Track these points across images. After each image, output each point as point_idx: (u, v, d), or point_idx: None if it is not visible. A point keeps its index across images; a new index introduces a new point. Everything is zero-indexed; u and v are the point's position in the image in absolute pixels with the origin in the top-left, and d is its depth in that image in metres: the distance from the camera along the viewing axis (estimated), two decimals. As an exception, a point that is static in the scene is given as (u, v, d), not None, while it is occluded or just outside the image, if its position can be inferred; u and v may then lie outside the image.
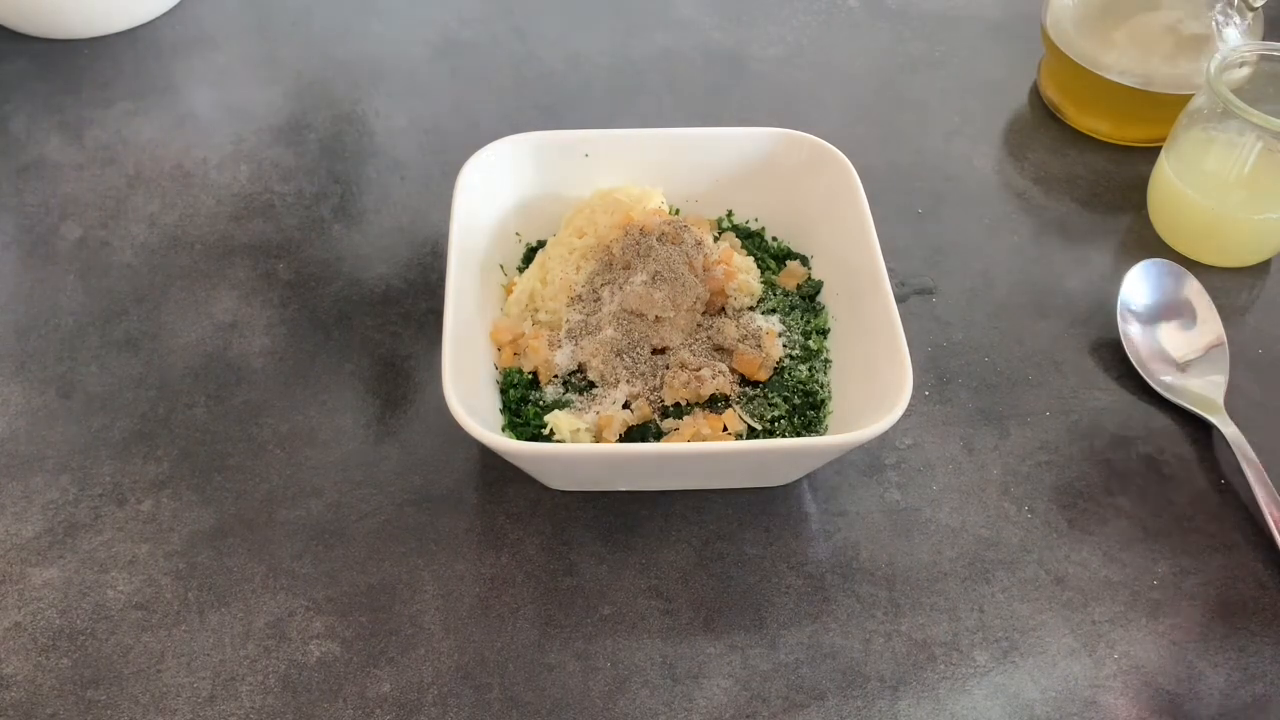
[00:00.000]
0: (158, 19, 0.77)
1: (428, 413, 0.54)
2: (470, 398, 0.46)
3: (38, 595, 0.48)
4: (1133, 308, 0.58)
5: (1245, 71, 0.60)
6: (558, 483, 0.51)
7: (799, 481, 0.52)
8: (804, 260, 0.57)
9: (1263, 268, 0.62)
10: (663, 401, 0.50)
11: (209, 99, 0.71)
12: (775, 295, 0.55)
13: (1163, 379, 0.56)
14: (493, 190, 0.56)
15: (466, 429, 0.44)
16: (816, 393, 0.51)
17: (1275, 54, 0.59)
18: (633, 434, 0.49)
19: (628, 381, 0.50)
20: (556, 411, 0.49)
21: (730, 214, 0.59)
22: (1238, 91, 0.58)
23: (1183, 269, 0.59)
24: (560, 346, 0.52)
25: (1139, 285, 0.59)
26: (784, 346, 0.52)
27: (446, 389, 0.45)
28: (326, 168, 0.67)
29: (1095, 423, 0.55)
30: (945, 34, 0.77)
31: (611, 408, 0.49)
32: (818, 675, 0.46)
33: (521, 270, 0.57)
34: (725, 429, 0.49)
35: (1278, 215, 0.59)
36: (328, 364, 0.56)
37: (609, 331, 0.51)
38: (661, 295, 0.50)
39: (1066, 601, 0.49)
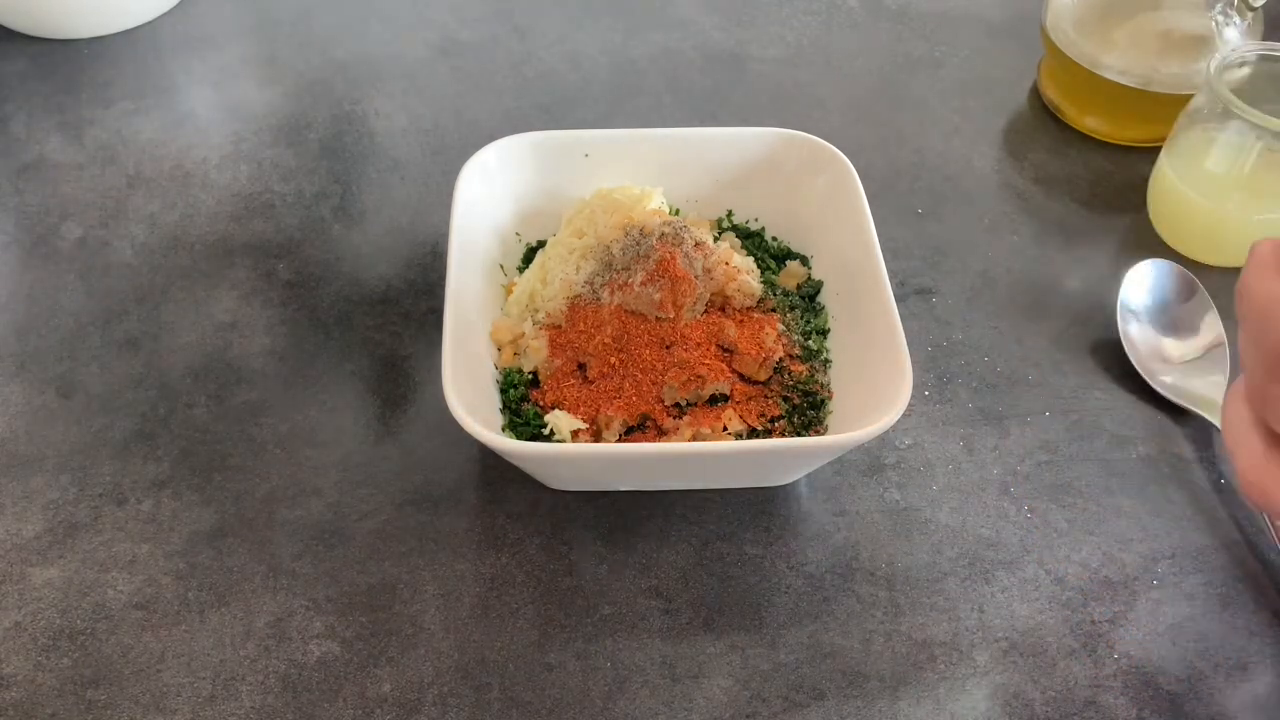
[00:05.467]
0: (158, 19, 0.77)
1: (428, 413, 0.54)
2: (470, 398, 0.46)
3: (38, 595, 0.48)
4: (1133, 308, 0.58)
5: (1245, 71, 0.60)
6: (558, 483, 0.51)
7: (799, 481, 0.52)
8: (804, 260, 0.57)
9: (1263, 268, 0.62)
10: (663, 401, 0.50)
11: (209, 99, 0.71)
12: (775, 295, 0.55)
13: (1163, 379, 0.56)
14: (493, 190, 0.56)
15: (466, 429, 0.44)
16: (816, 393, 0.51)
17: (1275, 54, 0.59)
18: (633, 434, 0.50)
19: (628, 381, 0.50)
20: (556, 411, 0.49)
21: (730, 214, 0.59)
22: (1238, 91, 0.58)
23: (1183, 269, 0.59)
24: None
25: (1139, 285, 0.59)
26: (784, 346, 0.52)
27: (446, 389, 0.45)
28: (326, 168, 0.67)
29: (1095, 423, 0.55)
30: (945, 34, 0.77)
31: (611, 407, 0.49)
32: (818, 675, 0.46)
33: (521, 270, 0.57)
34: (725, 429, 0.49)
35: (1278, 215, 0.59)
36: (328, 364, 0.56)
37: (609, 331, 0.51)
38: (661, 295, 0.50)
39: (1066, 601, 0.49)
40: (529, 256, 0.57)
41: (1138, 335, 0.57)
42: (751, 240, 0.58)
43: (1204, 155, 0.60)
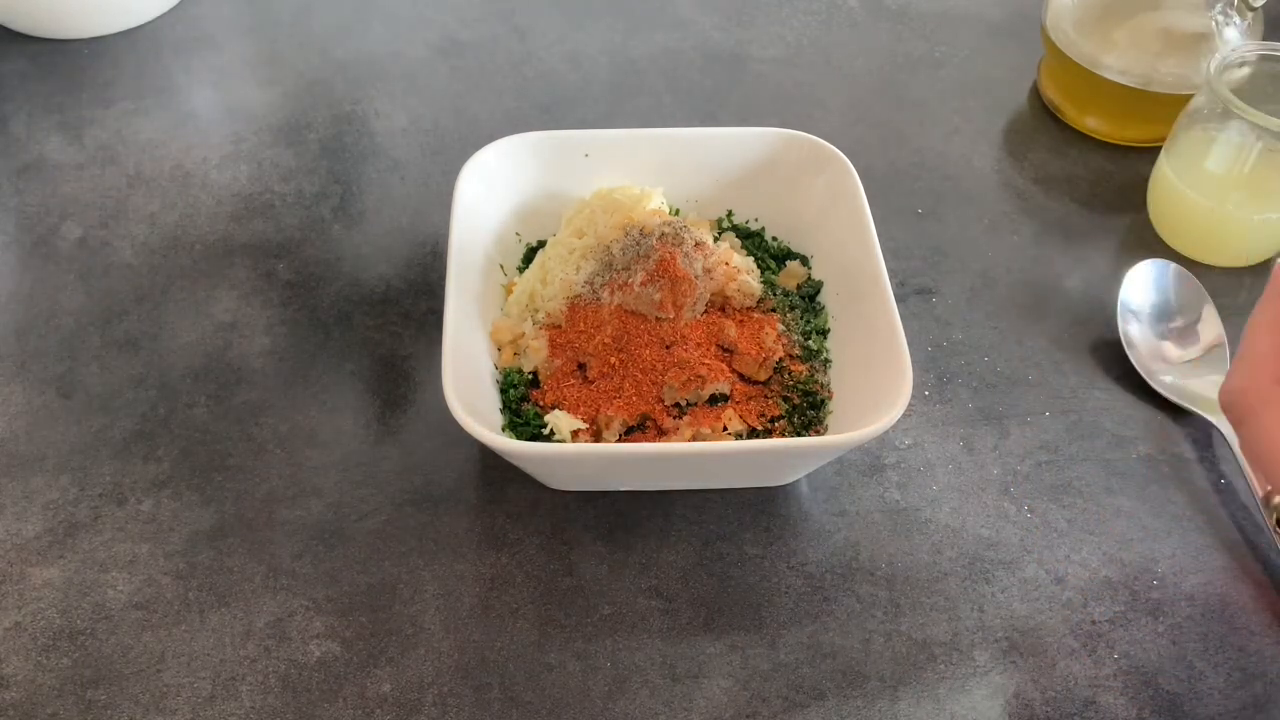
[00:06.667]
0: (158, 19, 0.77)
1: (428, 413, 0.54)
2: (470, 398, 0.46)
3: (38, 595, 0.48)
4: (1133, 308, 0.58)
5: (1245, 71, 0.60)
6: (558, 483, 0.51)
7: (799, 481, 0.52)
8: (804, 260, 0.57)
9: (1263, 268, 0.62)
10: (663, 401, 0.50)
11: (209, 99, 0.71)
12: (775, 295, 0.55)
13: (1163, 379, 0.56)
14: (493, 190, 0.56)
15: (466, 429, 0.44)
16: (816, 393, 0.51)
17: (1275, 54, 0.59)
18: (633, 434, 0.50)
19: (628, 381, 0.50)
20: (556, 411, 0.49)
21: (730, 214, 0.59)
22: (1238, 91, 0.58)
23: (1183, 269, 0.59)
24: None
25: (1139, 285, 0.59)
26: (784, 346, 0.52)
27: (446, 389, 0.45)
28: (326, 168, 0.67)
29: (1095, 423, 0.55)
30: (945, 34, 0.77)
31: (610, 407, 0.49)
32: (818, 675, 0.46)
33: (521, 270, 0.57)
34: (725, 429, 0.49)
35: (1278, 215, 0.59)
36: (328, 364, 0.56)
37: (609, 331, 0.51)
38: (661, 295, 0.50)
39: (1066, 601, 0.49)
40: (529, 256, 0.57)
41: (1138, 335, 0.57)
42: (751, 240, 0.58)
43: (1204, 155, 0.60)
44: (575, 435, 0.49)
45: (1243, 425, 0.34)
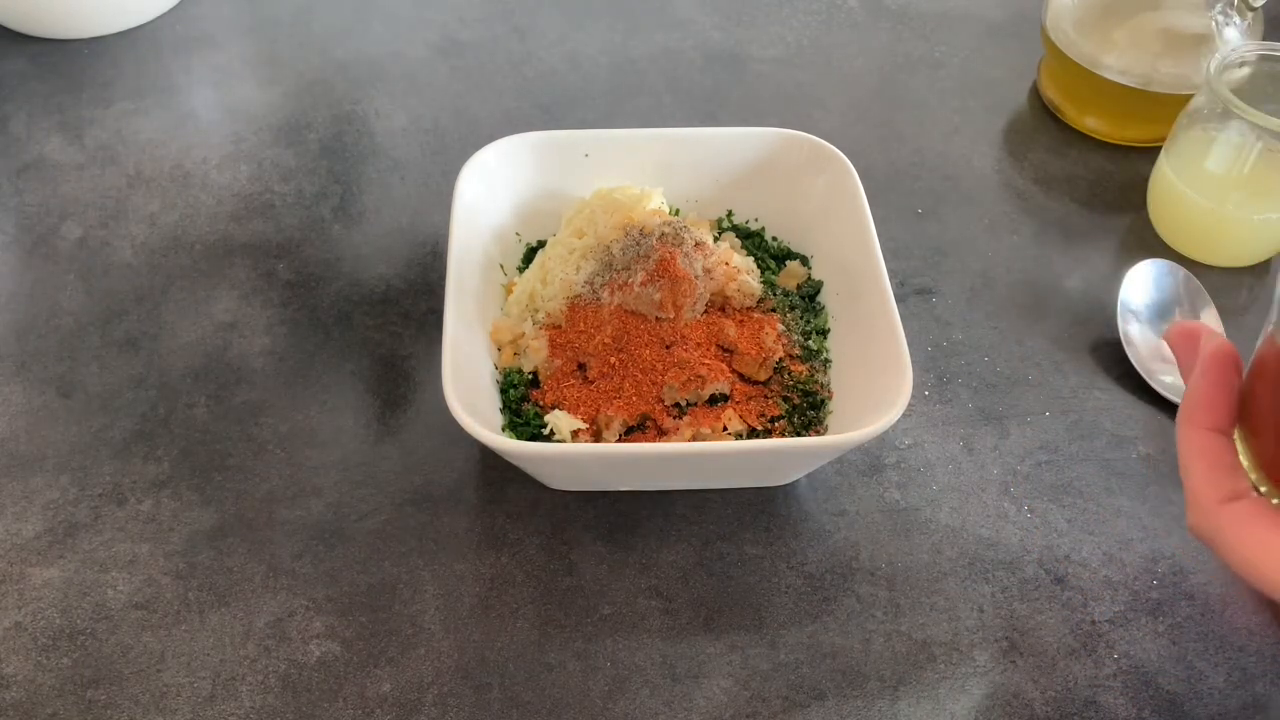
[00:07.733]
0: (158, 19, 0.77)
1: (428, 413, 0.54)
2: (470, 398, 0.46)
3: (38, 595, 0.48)
4: (1133, 308, 0.58)
5: (1245, 71, 0.60)
6: (558, 483, 0.51)
7: (799, 481, 0.52)
8: (804, 260, 0.57)
9: (1263, 268, 0.62)
10: (663, 401, 0.50)
11: (209, 99, 0.71)
12: (775, 295, 0.55)
13: (1163, 379, 0.56)
14: (493, 190, 0.56)
15: (466, 429, 0.44)
16: (816, 393, 0.51)
17: (1275, 54, 0.59)
18: (633, 434, 0.50)
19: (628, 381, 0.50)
20: (556, 411, 0.49)
21: (730, 214, 0.59)
22: (1238, 91, 0.58)
23: (1183, 269, 0.59)
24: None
25: (1139, 285, 0.59)
26: (784, 346, 0.52)
27: (446, 389, 0.45)
28: (326, 168, 0.67)
29: (1095, 423, 0.55)
30: (945, 34, 0.78)
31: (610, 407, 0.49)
32: (818, 675, 0.46)
33: (521, 270, 0.57)
34: (725, 429, 0.49)
35: (1278, 215, 0.59)
36: (328, 364, 0.56)
37: (609, 331, 0.51)
38: (661, 295, 0.50)
39: (1066, 601, 0.49)
40: (529, 256, 0.57)
41: (1138, 335, 0.57)
42: (751, 240, 0.58)
43: (1204, 155, 0.60)
44: (575, 435, 0.49)
45: (1214, 552, 0.36)
